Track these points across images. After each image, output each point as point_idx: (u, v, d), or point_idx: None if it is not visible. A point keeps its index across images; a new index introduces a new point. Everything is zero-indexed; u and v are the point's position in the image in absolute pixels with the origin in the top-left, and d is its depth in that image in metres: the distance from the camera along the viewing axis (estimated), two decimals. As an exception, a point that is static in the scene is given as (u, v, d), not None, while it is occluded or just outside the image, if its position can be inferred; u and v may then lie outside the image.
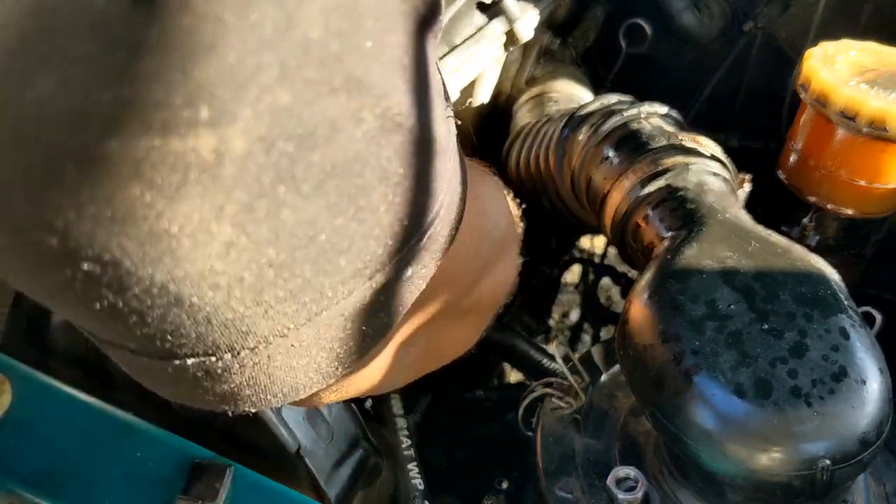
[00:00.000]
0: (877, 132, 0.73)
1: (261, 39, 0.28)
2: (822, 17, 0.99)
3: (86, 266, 0.28)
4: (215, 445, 0.61)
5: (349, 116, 0.31)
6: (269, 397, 0.36)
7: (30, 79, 0.26)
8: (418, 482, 0.69)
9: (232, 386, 0.35)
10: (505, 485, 0.70)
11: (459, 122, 0.44)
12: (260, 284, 0.31)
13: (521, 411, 0.72)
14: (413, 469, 0.69)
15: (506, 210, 0.59)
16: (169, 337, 0.32)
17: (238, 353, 0.33)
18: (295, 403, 0.40)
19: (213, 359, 0.33)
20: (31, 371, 0.63)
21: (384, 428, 0.71)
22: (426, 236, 0.37)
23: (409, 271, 0.37)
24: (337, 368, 0.38)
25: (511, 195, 0.66)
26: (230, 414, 0.38)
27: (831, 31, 0.97)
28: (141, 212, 0.28)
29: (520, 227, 0.64)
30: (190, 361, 0.33)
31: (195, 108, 0.27)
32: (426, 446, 0.80)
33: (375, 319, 0.37)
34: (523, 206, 0.66)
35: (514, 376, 1.03)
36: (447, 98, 0.41)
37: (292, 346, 0.34)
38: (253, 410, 0.37)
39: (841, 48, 0.80)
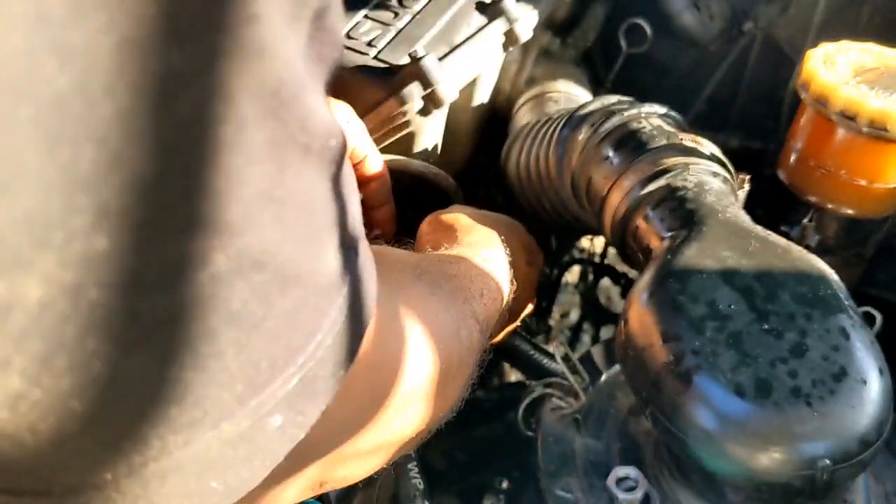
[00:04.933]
0: (877, 132, 0.73)
1: (74, 181, 0.25)
2: (821, 18, 0.99)
3: None
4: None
5: (192, 259, 0.27)
6: None
7: None
8: (418, 482, 0.69)
9: None
10: (505, 485, 0.70)
11: (382, 241, 0.40)
12: (59, 435, 0.27)
13: (521, 411, 0.72)
14: (413, 469, 0.69)
15: (450, 350, 0.51)
16: None
17: (47, 501, 0.30)
18: None
19: (27, 500, 0.30)
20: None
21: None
22: (296, 379, 0.33)
23: (278, 419, 0.33)
24: None
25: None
26: None
27: (831, 31, 0.97)
28: None
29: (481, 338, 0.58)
30: (22, 500, 0.30)
31: None
32: (426, 446, 0.80)
33: (231, 475, 0.32)
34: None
35: (514, 376, 1.03)
36: (359, 222, 0.38)
37: (110, 498, 0.30)
38: None
39: (841, 49, 0.80)
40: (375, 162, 0.83)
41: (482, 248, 0.68)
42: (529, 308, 0.78)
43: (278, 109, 0.29)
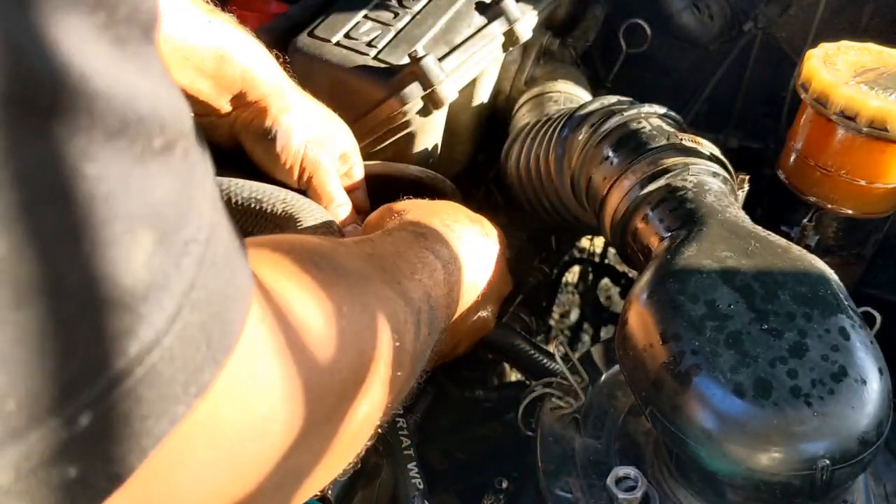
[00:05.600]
0: (877, 132, 0.73)
1: None
2: (822, 18, 0.99)
3: None
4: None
5: None
6: None
7: None
8: (418, 482, 0.69)
9: None
10: (505, 485, 0.70)
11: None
12: None
13: (521, 411, 0.72)
14: (413, 469, 0.69)
15: (367, 359, 0.46)
16: None
17: None
18: None
19: None
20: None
21: (384, 428, 0.71)
22: (86, 419, 0.26)
23: (69, 471, 0.26)
24: None
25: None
26: None
27: (831, 31, 0.97)
28: None
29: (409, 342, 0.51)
30: None
31: None
32: (426, 446, 0.80)
33: None
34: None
35: (514, 376, 1.03)
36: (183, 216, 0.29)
37: None
38: None
39: (841, 49, 0.80)
40: (359, 171, 0.83)
41: (419, 223, 0.65)
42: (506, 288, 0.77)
43: None
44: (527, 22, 0.91)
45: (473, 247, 0.70)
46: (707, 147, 0.72)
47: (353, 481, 0.69)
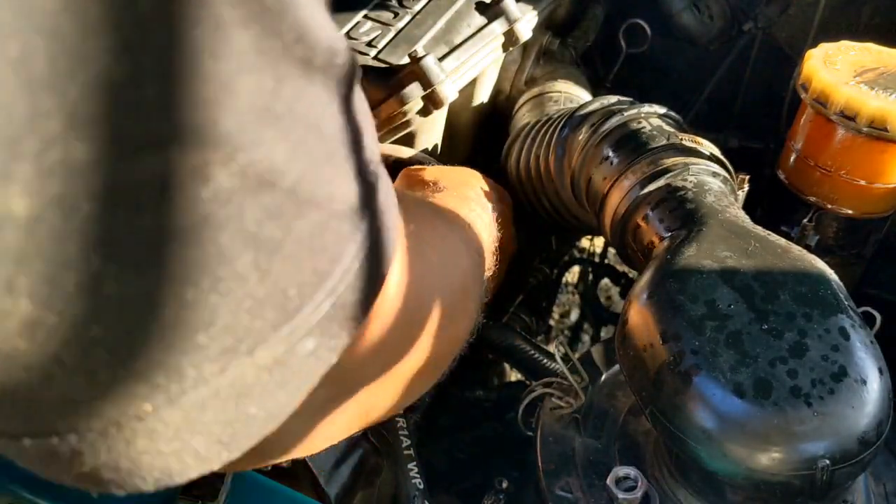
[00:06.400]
0: (877, 132, 0.73)
1: (31, 79, 0.23)
2: (821, 18, 0.99)
3: None
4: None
5: (188, 173, 0.26)
6: (136, 481, 0.31)
7: None
8: (418, 482, 0.69)
9: (88, 469, 0.30)
10: (505, 485, 0.70)
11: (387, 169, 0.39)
12: (89, 365, 0.27)
13: (521, 411, 0.72)
14: (413, 469, 0.69)
15: (462, 270, 0.56)
16: None
17: (84, 436, 0.29)
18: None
19: (55, 440, 0.29)
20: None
21: (384, 428, 0.71)
22: (327, 304, 0.33)
23: (310, 344, 0.33)
24: (221, 453, 0.33)
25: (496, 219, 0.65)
26: (95, 496, 0.33)
27: (831, 31, 0.97)
28: None
29: (488, 270, 0.63)
30: (27, 442, 0.30)
31: None
32: (426, 446, 0.80)
33: (269, 400, 0.33)
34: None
35: (514, 376, 1.04)
36: (375, 150, 0.37)
37: (155, 430, 0.30)
38: (122, 493, 0.32)
39: (841, 49, 0.80)
40: None
41: (457, 188, 0.71)
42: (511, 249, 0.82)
43: (263, 15, 0.28)
44: (527, 22, 0.91)
45: (497, 211, 0.75)
46: (707, 147, 0.72)
47: (353, 481, 0.69)
